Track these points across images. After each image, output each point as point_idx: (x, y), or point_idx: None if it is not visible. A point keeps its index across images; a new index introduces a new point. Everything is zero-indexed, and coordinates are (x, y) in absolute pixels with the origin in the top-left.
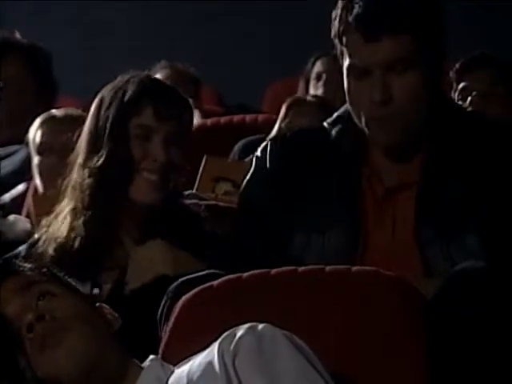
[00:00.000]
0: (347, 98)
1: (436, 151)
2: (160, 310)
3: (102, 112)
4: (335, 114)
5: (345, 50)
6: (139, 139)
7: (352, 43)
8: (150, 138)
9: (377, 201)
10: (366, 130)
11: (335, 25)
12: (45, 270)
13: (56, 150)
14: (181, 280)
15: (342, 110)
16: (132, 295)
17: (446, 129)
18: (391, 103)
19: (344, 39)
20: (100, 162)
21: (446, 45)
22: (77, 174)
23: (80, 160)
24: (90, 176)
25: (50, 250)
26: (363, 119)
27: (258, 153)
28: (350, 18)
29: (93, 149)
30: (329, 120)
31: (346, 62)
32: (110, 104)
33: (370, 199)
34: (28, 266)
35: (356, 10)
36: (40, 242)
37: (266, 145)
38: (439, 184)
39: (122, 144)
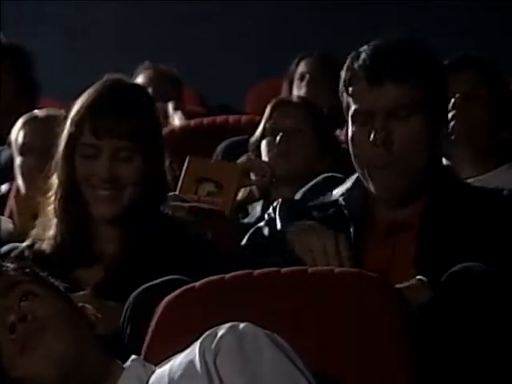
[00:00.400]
0: (350, 147)
1: (436, 201)
2: (122, 317)
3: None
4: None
5: (350, 99)
6: (84, 157)
7: (357, 89)
8: (98, 155)
9: (377, 243)
10: (369, 181)
11: (342, 76)
12: (27, 270)
13: (38, 150)
14: (143, 287)
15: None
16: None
17: (444, 190)
18: (392, 149)
19: (350, 89)
20: (57, 176)
21: (446, 93)
22: (52, 178)
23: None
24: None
25: (46, 250)
26: (366, 170)
27: (270, 210)
28: (356, 65)
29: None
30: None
31: (351, 111)
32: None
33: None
34: (11, 266)
35: (362, 56)
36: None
37: (276, 205)
38: (438, 227)
39: (69, 163)
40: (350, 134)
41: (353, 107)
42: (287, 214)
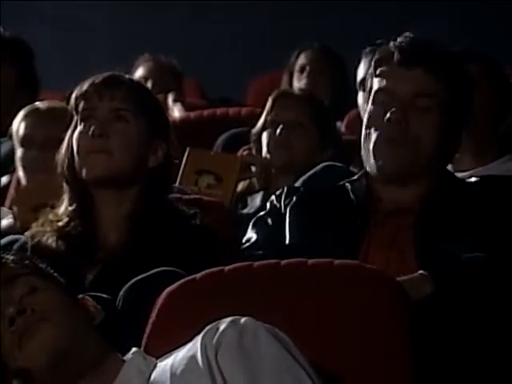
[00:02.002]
0: (365, 125)
1: (436, 188)
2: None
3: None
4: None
5: (376, 80)
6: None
7: (386, 69)
8: (92, 115)
9: (377, 226)
10: (377, 157)
11: (374, 57)
12: (27, 262)
13: (39, 142)
14: (134, 280)
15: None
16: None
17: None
18: (408, 127)
19: (379, 69)
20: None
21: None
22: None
23: None
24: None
25: (51, 242)
26: (375, 145)
27: (273, 198)
28: (392, 45)
29: None
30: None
31: (374, 90)
32: None
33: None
34: (11, 258)
35: (400, 39)
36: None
37: (281, 193)
38: (436, 212)
39: (71, 153)
40: (367, 113)
41: (376, 86)
42: (294, 203)
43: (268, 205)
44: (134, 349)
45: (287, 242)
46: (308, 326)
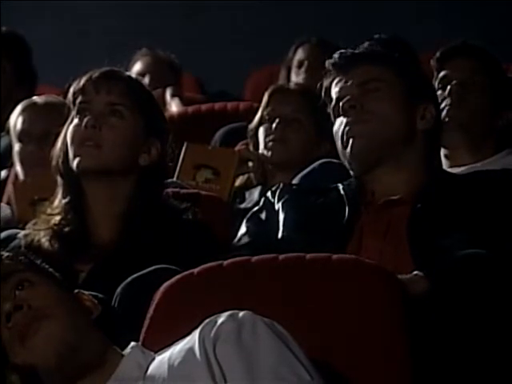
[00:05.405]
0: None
1: (430, 182)
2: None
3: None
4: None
5: (332, 98)
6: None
7: (333, 85)
8: (87, 109)
9: (370, 215)
10: (344, 157)
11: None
12: (22, 258)
13: (36, 137)
14: (131, 278)
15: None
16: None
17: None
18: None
19: (328, 92)
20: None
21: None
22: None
23: None
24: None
25: (45, 239)
26: (340, 148)
27: (269, 194)
28: (328, 65)
29: None
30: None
31: (332, 105)
32: None
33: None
34: (5, 254)
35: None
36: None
37: (275, 190)
38: (430, 203)
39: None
40: (334, 129)
41: (333, 101)
42: (287, 199)
43: (262, 200)
44: (132, 343)
45: (279, 236)
46: (306, 320)
